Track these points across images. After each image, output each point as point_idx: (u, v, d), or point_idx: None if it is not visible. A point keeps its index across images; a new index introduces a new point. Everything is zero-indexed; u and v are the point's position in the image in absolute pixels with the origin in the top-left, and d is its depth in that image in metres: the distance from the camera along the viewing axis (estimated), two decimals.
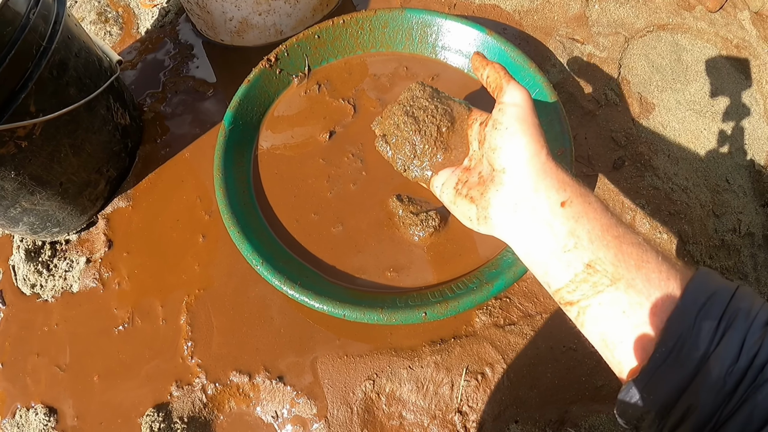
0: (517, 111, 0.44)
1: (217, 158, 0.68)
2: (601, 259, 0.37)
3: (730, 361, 0.31)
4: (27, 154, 0.63)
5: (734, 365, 0.31)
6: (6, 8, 0.56)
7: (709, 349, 0.31)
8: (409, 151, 0.56)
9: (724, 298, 0.33)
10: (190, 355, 0.67)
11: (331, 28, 0.77)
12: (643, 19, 0.94)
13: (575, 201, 0.40)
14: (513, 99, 0.45)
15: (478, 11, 0.92)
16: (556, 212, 0.40)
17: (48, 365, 0.71)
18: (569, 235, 0.39)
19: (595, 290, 0.37)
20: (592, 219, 0.39)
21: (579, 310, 0.38)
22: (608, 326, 0.37)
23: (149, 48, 0.96)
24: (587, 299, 0.38)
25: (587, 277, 0.38)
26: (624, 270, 0.36)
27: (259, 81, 0.75)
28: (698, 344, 0.32)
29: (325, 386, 0.64)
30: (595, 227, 0.38)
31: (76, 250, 0.78)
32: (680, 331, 0.32)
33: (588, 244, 0.38)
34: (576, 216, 0.39)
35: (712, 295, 0.33)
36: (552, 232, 0.40)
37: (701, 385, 0.31)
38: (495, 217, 0.45)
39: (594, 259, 0.37)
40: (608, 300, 0.36)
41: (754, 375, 0.30)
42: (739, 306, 0.32)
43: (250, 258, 0.61)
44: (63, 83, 0.66)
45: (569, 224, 0.39)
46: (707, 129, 0.83)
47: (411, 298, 0.60)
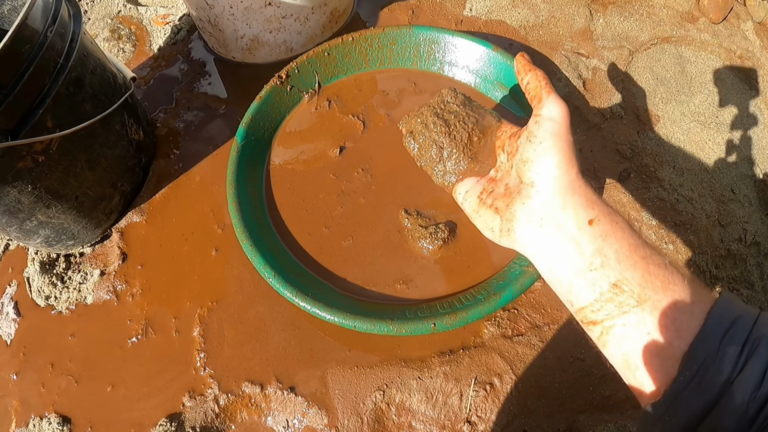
0: (553, 126, 0.44)
1: (230, 173, 0.70)
2: (628, 279, 0.37)
3: (753, 387, 0.31)
4: (44, 169, 0.65)
5: (757, 391, 0.31)
6: (24, 26, 0.57)
7: (732, 374, 0.31)
8: (435, 154, 0.55)
9: (747, 324, 0.33)
10: (202, 366, 0.68)
11: (340, 45, 0.79)
12: (647, 32, 0.95)
13: (603, 220, 0.39)
14: (551, 113, 0.44)
15: (484, 27, 0.94)
16: (584, 230, 0.40)
17: (62, 375, 0.72)
18: (596, 254, 0.39)
19: (621, 310, 0.37)
20: (620, 238, 0.38)
21: (602, 330, 0.38)
22: (632, 347, 0.36)
23: (162, 65, 0.98)
24: (611, 319, 0.37)
25: (613, 297, 0.37)
26: (651, 291, 0.36)
27: (271, 97, 0.76)
28: (722, 369, 0.32)
29: (336, 397, 0.64)
30: (623, 247, 0.38)
31: (91, 262, 0.79)
32: (704, 356, 0.32)
33: (615, 264, 0.38)
34: (603, 235, 0.39)
35: (735, 320, 0.33)
36: (578, 250, 0.40)
37: (724, 410, 0.31)
38: (519, 231, 0.44)
39: (621, 279, 0.37)
40: (634, 321, 0.36)
41: None
42: (762, 332, 0.32)
43: (263, 271, 0.62)
44: (79, 99, 0.67)
45: (597, 243, 0.39)
46: (712, 140, 0.84)
47: (420, 310, 0.61)
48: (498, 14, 0.95)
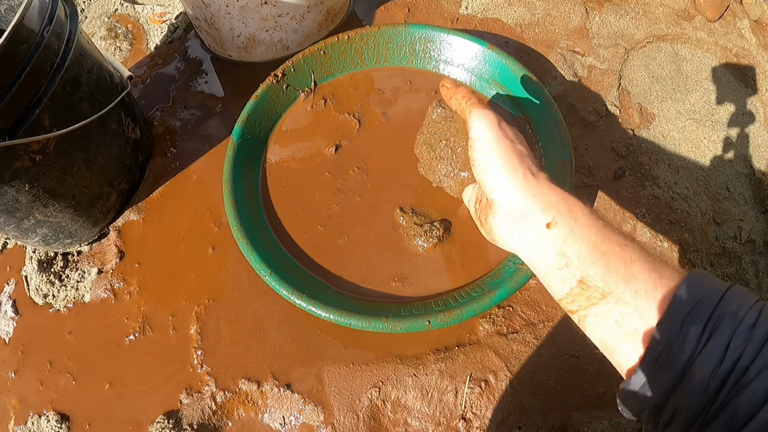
0: (483, 145, 0.46)
1: (226, 172, 0.70)
2: (591, 275, 0.39)
3: (714, 364, 0.32)
4: (41, 168, 0.65)
5: (718, 368, 0.32)
6: (21, 26, 0.57)
7: (694, 352, 0.33)
8: (437, 174, 0.57)
9: (711, 302, 0.34)
10: (199, 364, 0.69)
11: (336, 44, 0.79)
12: (643, 30, 0.95)
13: (560, 221, 0.41)
14: (477, 133, 0.47)
15: (480, 25, 0.94)
16: (544, 235, 0.42)
17: (60, 373, 0.72)
18: (559, 255, 0.41)
19: (590, 302, 0.39)
20: (579, 238, 0.40)
21: (579, 318, 0.41)
22: (605, 333, 0.38)
23: (159, 63, 0.98)
24: (584, 310, 0.40)
25: (581, 292, 0.40)
26: (613, 285, 0.38)
27: (267, 96, 0.76)
28: (684, 348, 0.33)
29: (332, 394, 0.65)
30: (582, 246, 0.40)
31: (88, 261, 0.79)
32: (667, 337, 0.34)
33: (577, 263, 0.40)
34: (563, 237, 0.41)
35: (699, 300, 0.34)
36: (544, 252, 0.42)
37: (687, 387, 0.33)
38: (499, 240, 0.47)
39: (585, 276, 0.39)
40: (602, 312, 0.38)
41: (737, 377, 0.31)
42: (726, 309, 0.33)
43: (259, 269, 0.63)
44: (76, 99, 0.67)
45: (557, 245, 0.41)
46: (707, 138, 0.84)
47: (415, 307, 0.61)
48: (494, 12, 0.95)
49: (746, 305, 0.34)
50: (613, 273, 0.38)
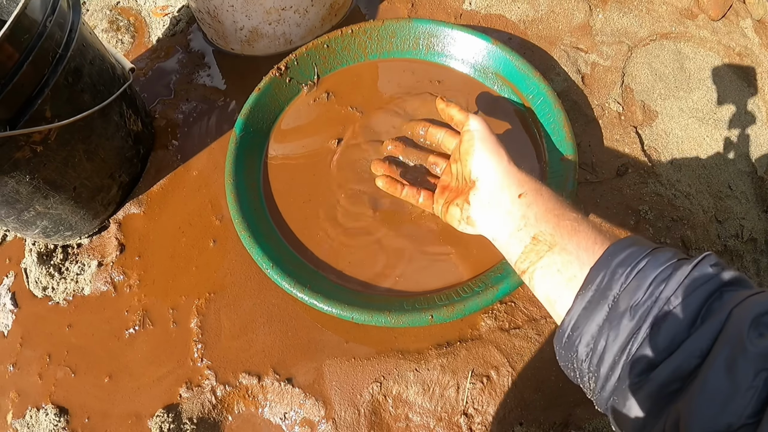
0: (478, 134, 0.57)
1: (228, 164, 0.70)
2: (543, 231, 0.47)
3: (636, 297, 0.36)
4: (42, 159, 0.65)
5: (639, 299, 0.36)
6: (23, 16, 0.56)
7: (621, 288, 0.37)
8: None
9: (640, 252, 0.39)
10: (200, 358, 0.68)
11: (340, 37, 0.79)
12: (646, 28, 0.95)
13: (529, 193, 0.51)
14: (474, 126, 0.58)
15: (483, 21, 0.94)
16: (515, 202, 0.51)
17: (59, 366, 0.72)
18: (522, 218, 0.49)
19: (538, 256, 0.46)
20: (540, 204, 0.49)
21: (529, 276, 0.47)
22: (549, 285, 0.44)
23: (161, 56, 0.98)
24: (533, 265, 0.46)
25: (533, 247, 0.47)
26: (559, 238, 0.45)
27: (270, 89, 0.76)
28: (612, 286, 0.38)
29: (333, 388, 0.65)
30: (541, 209, 0.48)
31: (88, 253, 0.79)
32: (598, 277, 0.39)
33: (534, 222, 0.48)
34: (528, 203, 0.50)
35: (631, 250, 0.39)
36: (511, 217, 0.51)
37: (613, 318, 0.37)
38: (474, 214, 0.56)
39: (538, 232, 0.47)
40: (547, 263, 0.45)
41: (659, 306, 0.35)
42: (655, 255, 0.38)
43: (261, 262, 0.62)
44: (78, 90, 0.67)
45: (522, 209, 0.50)
46: (710, 136, 0.84)
47: (418, 301, 0.61)
48: (497, 8, 0.95)
49: (674, 256, 0.38)
50: (561, 229, 0.45)
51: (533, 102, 0.73)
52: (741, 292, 0.34)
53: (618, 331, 0.36)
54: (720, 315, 0.33)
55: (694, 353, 0.32)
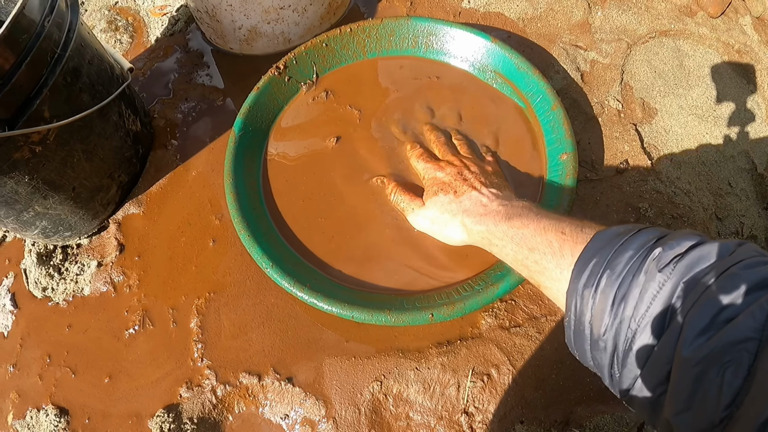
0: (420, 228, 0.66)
1: (227, 164, 0.70)
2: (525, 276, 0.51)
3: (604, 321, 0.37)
4: (41, 159, 0.64)
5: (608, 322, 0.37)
6: (21, 16, 0.56)
7: (592, 313, 0.39)
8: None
9: (600, 264, 0.39)
10: (200, 357, 0.68)
11: (338, 36, 0.79)
12: (646, 25, 0.95)
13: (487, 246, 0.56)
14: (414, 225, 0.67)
15: (482, 19, 0.94)
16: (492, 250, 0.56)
17: (59, 367, 0.72)
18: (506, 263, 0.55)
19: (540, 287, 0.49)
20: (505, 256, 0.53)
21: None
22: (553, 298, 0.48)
23: (159, 56, 0.98)
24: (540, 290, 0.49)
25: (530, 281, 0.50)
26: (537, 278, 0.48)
27: (269, 88, 0.76)
28: (584, 311, 0.39)
29: (333, 387, 0.65)
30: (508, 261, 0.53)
31: (88, 254, 0.79)
32: (572, 304, 0.40)
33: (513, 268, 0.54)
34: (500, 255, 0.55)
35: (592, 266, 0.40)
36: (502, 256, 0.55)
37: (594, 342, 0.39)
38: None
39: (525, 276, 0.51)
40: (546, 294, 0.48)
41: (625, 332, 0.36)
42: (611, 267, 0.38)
43: (261, 261, 0.62)
44: (76, 90, 0.67)
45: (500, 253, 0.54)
46: (709, 133, 0.84)
47: (418, 300, 0.61)
48: (496, 6, 0.95)
49: (624, 259, 0.38)
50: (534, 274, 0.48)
51: (532, 100, 0.73)
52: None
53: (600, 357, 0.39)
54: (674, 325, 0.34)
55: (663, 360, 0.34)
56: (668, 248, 0.37)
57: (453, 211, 0.60)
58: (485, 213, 0.56)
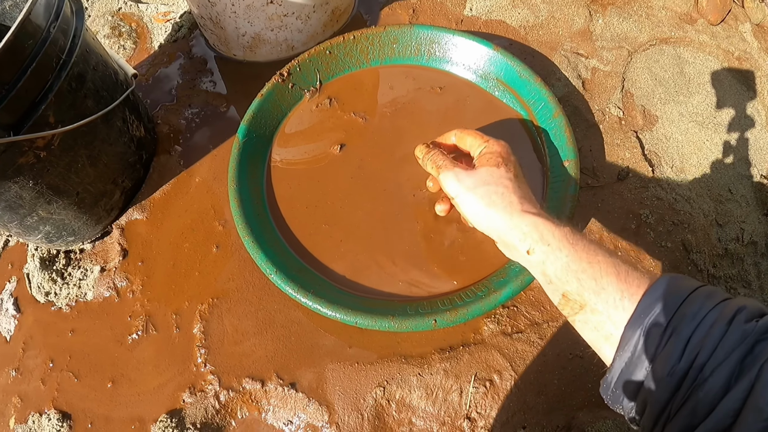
0: (458, 202, 0.56)
1: (231, 170, 0.70)
2: (570, 291, 0.45)
3: (672, 362, 0.36)
4: (45, 164, 0.65)
5: (676, 365, 0.36)
6: (28, 22, 0.57)
7: (656, 352, 0.37)
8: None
9: (674, 305, 0.38)
10: (203, 363, 0.69)
11: (342, 43, 0.79)
12: (646, 33, 0.95)
13: (536, 247, 0.48)
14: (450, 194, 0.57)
15: (484, 27, 0.94)
16: (528, 260, 0.49)
17: (62, 372, 0.72)
18: (542, 275, 0.48)
19: (573, 311, 0.45)
20: (553, 261, 0.47)
21: (571, 321, 0.47)
22: (589, 336, 0.44)
23: (163, 62, 0.98)
24: (572, 316, 0.46)
25: (566, 303, 0.46)
26: (587, 298, 0.44)
27: (272, 95, 0.76)
28: (648, 349, 0.38)
29: (336, 393, 0.65)
30: (557, 268, 0.46)
31: (91, 259, 0.79)
32: (633, 338, 0.39)
33: (557, 282, 0.47)
34: (541, 261, 0.48)
35: (663, 304, 0.38)
36: (533, 272, 0.50)
37: (651, 383, 0.37)
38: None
39: (565, 291, 0.46)
40: (583, 319, 0.44)
41: (695, 374, 0.35)
42: (686, 311, 0.37)
43: (264, 267, 0.63)
44: (81, 95, 0.67)
45: (539, 267, 0.48)
46: (710, 140, 0.85)
47: (421, 306, 0.61)
48: (498, 14, 0.95)
49: (707, 306, 0.37)
50: (586, 288, 0.44)
51: (534, 107, 0.74)
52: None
53: (658, 395, 0.36)
54: (751, 373, 0.33)
55: (728, 414, 0.33)
56: (751, 307, 0.36)
57: (509, 187, 0.53)
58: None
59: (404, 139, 0.75)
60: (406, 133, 0.76)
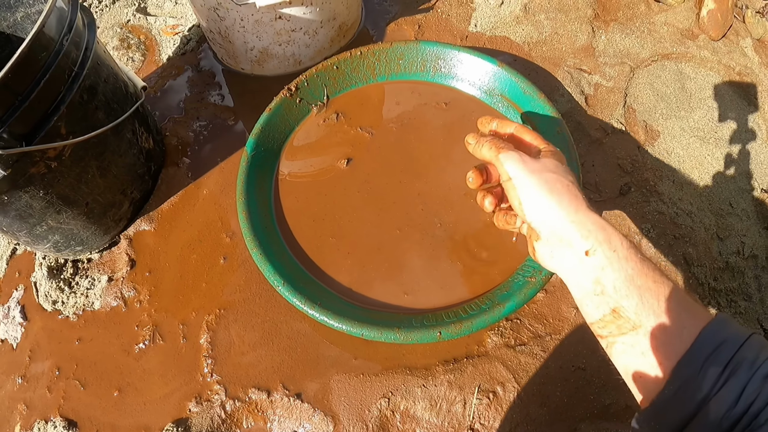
0: (515, 183, 0.49)
1: (239, 183, 0.71)
2: (625, 307, 0.41)
3: (728, 406, 0.34)
4: (56, 174, 0.66)
5: (731, 410, 0.34)
6: (41, 34, 0.58)
7: (711, 392, 0.35)
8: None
9: (733, 347, 0.36)
10: (209, 373, 0.69)
11: (349, 59, 0.80)
12: (648, 49, 0.97)
13: (599, 250, 0.43)
14: (508, 174, 0.50)
15: (488, 43, 0.96)
16: (583, 261, 0.44)
17: (68, 380, 0.73)
18: (595, 283, 0.43)
19: (620, 331, 0.41)
20: (616, 269, 0.42)
21: (607, 344, 0.43)
22: (630, 362, 0.41)
23: (172, 74, 0.99)
24: (614, 337, 0.42)
25: (614, 320, 0.42)
26: (644, 318, 0.40)
27: (280, 109, 0.78)
28: (702, 387, 0.35)
29: (342, 404, 0.65)
30: (619, 278, 0.41)
31: (98, 268, 0.80)
32: (687, 374, 0.36)
33: (613, 293, 0.41)
34: (600, 266, 0.43)
35: (721, 343, 0.36)
36: (582, 277, 0.44)
37: (699, 424, 0.35)
38: (541, 261, 0.50)
39: (618, 306, 0.41)
40: (630, 342, 0.40)
41: (749, 420, 0.33)
42: (745, 355, 0.35)
43: (272, 279, 0.63)
44: (92, 107, 0.68)
45: (595, 272, 0.43)
46: (711, 155, 0.86)
47: (426, 319, 0.62)
48: (502, 30, 0.97)
49: (764, 355, 0.35)
50: (646, 307, 0.40)
51: (538, 123, 0.75)
52: None
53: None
54: None
55: None
56: None
57: (574, 183, 0.49)
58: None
59: (410, 153, 0.76)
60: (412, 148, 0.77)
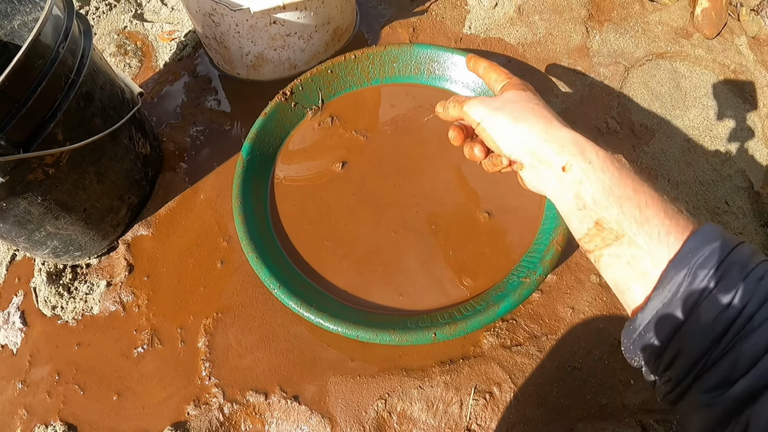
0: (485, 126, 0.51)
1: (235, 187, 0.71)
2: (606, 218, 0.40)
3: (720, 309, 0.33)
4: (54, 181, 0.66)
5: (724, 313, 0.33)
6: (37, 42, 0.58)
7: (702, 295, 0.34)
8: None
9: (722, 251, 0.35)
10: (207, 376, 0.70)
11: (343, 63, 0.81)
12: (643, 48, 0.97)
13: (574, 163, 0.43)
14: (475, 119, 0.52)
15: (483, 45, 0.96)
16: (561, 178, 0.44)
17: (68, 384, 0.73)
18: (576, 197, 0.43)
19: (605, 243, 0.41)
20: (593, 181, 0.42)
21: (595, 258, 0.42)
22: (617, 274, 0.40)
23: (168, 80, 1.00)
24: (599, 250, 0.41)
25: (597, 233, 0.41)
26: (627, 227, 0.39)
27: (276, 114, 0.78)
28: (692, 291, 0.34)
29: (339, 405, 0.66)
30: (597, 189, 0.41)
31: (97, 273, 0.80)
32: (675, 279, 0.35)
33: (593, 205, 0.41)
34: (578, 179, 0.42)
35: (711, 249, 0.35)
36: (563, 194, 0.44)
37: (691, 329, 0.34)
38: (533, 189, 0.49)
39: (600, 218, 0.41)
40: (615, 252, 0.40)
41: (742, 324, 0.32)
42: (735, 259, 0.34)
43: (268, 282, 0.64)
44: (89, 114, 0.69)
45: (574, 187, 0.43)
46: (706, 153, 0.86)
47: (421, 320, 0.62)
48: (496, 32, 0.97)
49: (756, 259, 0.34)
50: (627, 216, 0.39)
51: None
52: None
53: (697, 343, 0.33)
54: None
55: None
56: None
57: (539, 104, 0.50)
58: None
59: (405, 156, 0.77)
60: (406, 151, 0.77)
